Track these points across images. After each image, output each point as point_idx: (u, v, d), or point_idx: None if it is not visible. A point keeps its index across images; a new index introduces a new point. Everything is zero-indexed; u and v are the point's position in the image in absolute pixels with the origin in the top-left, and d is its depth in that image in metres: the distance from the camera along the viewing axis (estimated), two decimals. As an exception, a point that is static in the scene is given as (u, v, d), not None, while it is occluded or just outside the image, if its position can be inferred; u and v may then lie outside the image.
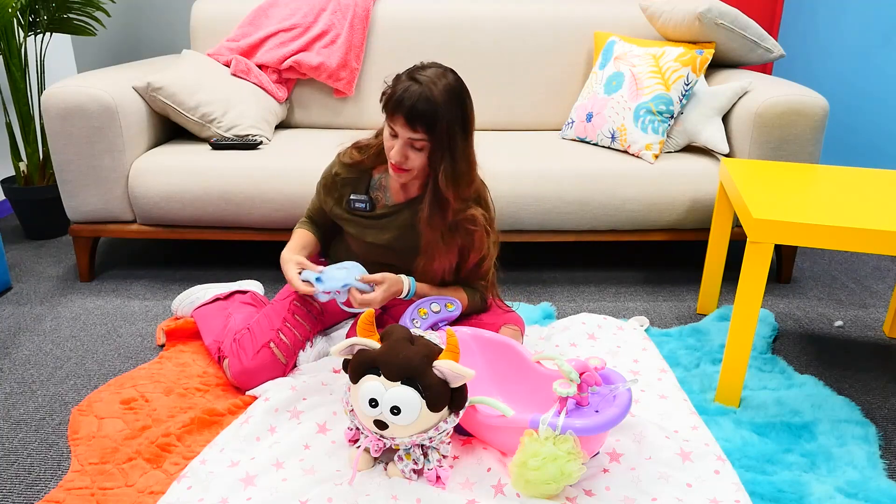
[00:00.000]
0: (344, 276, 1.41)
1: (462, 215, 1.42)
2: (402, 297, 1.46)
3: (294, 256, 1.47)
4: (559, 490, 1.13)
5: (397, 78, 1.34)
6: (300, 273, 1.43)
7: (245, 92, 2.24)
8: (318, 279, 1.41)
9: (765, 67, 3.30)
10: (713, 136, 2.05)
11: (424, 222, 1.42)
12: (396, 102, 1.29)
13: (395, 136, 1.34)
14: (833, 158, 2.84)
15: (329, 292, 1.40)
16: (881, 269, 2.27)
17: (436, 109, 1.28)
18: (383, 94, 1.35)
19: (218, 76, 2.24)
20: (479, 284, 1.54)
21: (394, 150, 1.33)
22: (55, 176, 1.98)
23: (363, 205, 1.49)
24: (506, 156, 2.04)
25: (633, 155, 2.07)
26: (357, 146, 1.51)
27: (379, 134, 1.47)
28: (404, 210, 1.49)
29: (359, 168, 1.50)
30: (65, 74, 3.04)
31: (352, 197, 1.49)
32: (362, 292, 1.40)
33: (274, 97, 2.37)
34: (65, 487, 1.19)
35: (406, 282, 1.46)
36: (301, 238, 1.58)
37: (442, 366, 1.10)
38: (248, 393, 1.45)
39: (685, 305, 1.97)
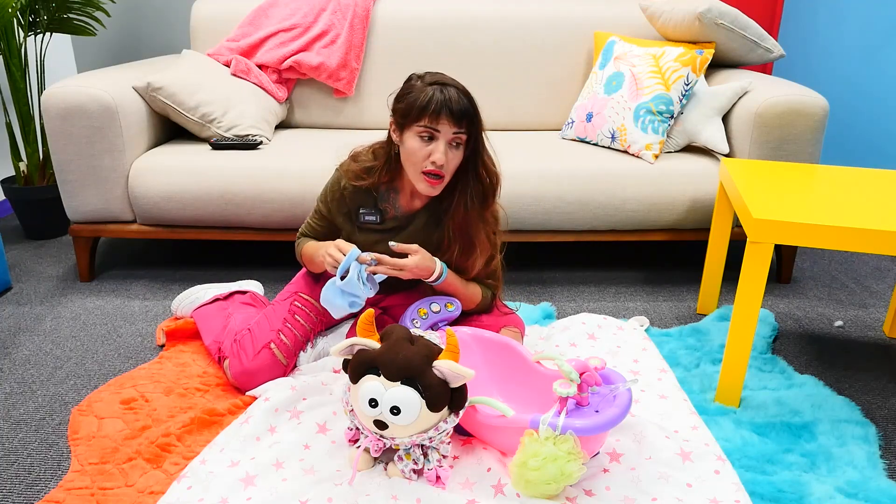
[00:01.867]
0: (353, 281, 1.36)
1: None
2: (430, 280, 1.43)
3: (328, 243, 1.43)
4: (559, 490, 1.13)
5: (410, 88, 1.35)
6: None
7: (245, 92, 2.24)
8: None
9: (765, 67, 3.30)
10: (713, 136, 2.05)
11: (464, 215, 1.43)
12: (438, 105, 1.30)
13: (431, 139, 1.34)
14: (833, 158, 2.84)
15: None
16: (881, 269, 2.27)
17: (472, 102, 1.35)
18: (407, 107, 1.34)
19: (218, 76, 2.24)
20: (489, 283, 1.54)
21: (437, 153, 1.33)
22: (55, 176, 1.98)
23: (374, 217, 1.49)
24: (506, 156, 2.03)
25: (633, 155, 2.07)
26: (359, 163, 1.48)
27: (378, 151, 1.47)
28: (418, 218, 1.49)
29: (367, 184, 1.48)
30: (65, 74, 3.04)
31: (361, 211, 1.49)
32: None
33: (274, 97, 2.37)
34: (65, 487, 1.19)
35: (439, 265, 1.43)
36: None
37: (442, 366, 1.10)
38: (248, 393, 1.46)
39: (685, 305, 1.97)
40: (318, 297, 1.58)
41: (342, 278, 1.34)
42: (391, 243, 1.40)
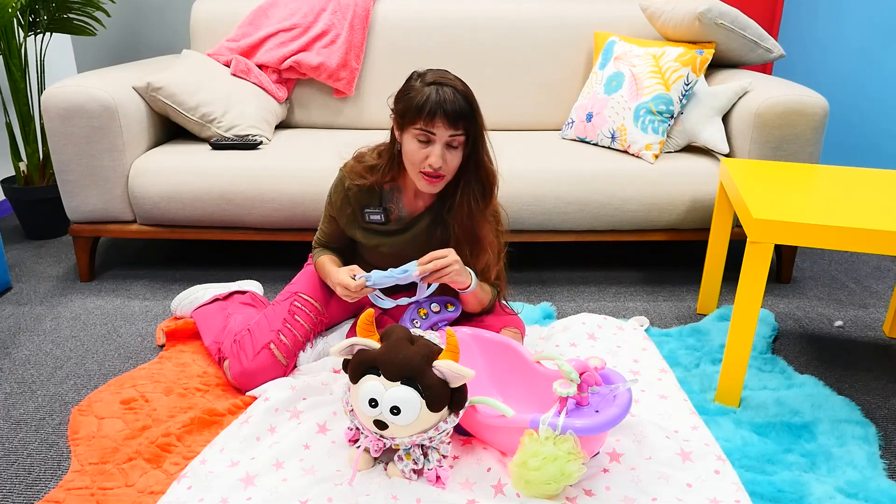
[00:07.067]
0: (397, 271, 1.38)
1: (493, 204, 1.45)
2: (464, 289, 1.42)
3: (343, 269, 1.44)
4: (559, 490, 1.13)
5: (409, 88, 1.33)
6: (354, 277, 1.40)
7: (245, 92, 2.24)
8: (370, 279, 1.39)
9: (765, 67, 3.30)
10: (713, 136, 2.05)
11: (468, 214, 1.41)
12: (433, 107, 1.28)
13: (428, 142, 1.32)
14: (833, 158, 2.84)
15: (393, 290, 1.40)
16: (881, 269, 2.27)
17: (470, 102, 1.32)
18: (405, 108, 1.33)
19: (218, 76, 2.24)
20: (494, 283, 1.53)
21: (433, 157, 1.32)
22: (55, 176, 1.98)
23: (378, 216, 1.48)
24: (506, 156, 2.03)
25: (633, 155, 2.07)
26: (362, 163, 1.47)
27: (382, 150, 1.46)
28: (423, 219, 1.48)
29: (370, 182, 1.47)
30: (65, 74, 3.04)
31: (366, 210, 1.48)
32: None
33: (274, 97, 2.37)
34: (65, 487, 1.19)
35: (473, 275, 1.42)
36: (331, 260, 1.54)
37: (442, 366, 1.10)
38: (248, 393, 1.46)
39: (685, 305, 1.97)
40: (317, 296, 1.58)
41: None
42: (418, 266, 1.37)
